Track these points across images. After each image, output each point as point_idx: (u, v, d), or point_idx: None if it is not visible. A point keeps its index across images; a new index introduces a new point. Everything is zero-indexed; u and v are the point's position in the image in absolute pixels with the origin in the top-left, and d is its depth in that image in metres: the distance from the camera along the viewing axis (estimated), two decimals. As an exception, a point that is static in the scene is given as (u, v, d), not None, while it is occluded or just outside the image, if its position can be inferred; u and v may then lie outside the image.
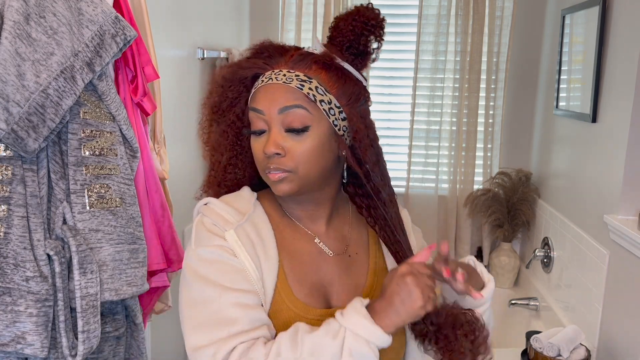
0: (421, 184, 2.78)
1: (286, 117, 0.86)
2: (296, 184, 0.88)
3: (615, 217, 1.67)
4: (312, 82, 0.86)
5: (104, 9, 1.20)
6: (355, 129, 0.88)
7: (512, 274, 2.67)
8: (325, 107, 0.86)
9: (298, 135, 0.86)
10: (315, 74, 0.87)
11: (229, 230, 0.89)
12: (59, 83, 1.12)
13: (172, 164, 1.77)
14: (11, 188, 1.12)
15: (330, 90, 0.87)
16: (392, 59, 2.79)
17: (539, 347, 1.69)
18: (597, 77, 1.85)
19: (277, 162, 0.86)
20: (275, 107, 0.86)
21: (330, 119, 0.87)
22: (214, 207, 0.92)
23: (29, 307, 1.13)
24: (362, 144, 0.89)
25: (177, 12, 1.93)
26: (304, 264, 0.94)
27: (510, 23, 2.57)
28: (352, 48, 0.90)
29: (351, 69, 0.90)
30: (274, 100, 0.86)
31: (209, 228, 0.90)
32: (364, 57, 0.92)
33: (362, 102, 0.91)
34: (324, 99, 0.86)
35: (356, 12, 0.89)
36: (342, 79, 0.89)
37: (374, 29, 0.89)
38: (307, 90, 0.85)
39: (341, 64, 0.89)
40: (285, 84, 0.86)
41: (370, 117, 0.94)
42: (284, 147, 0.86)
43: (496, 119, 2.66)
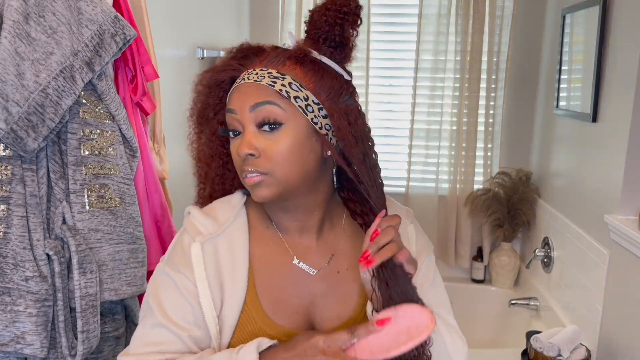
0: (421, 184, 2.77)
1: (258, 114, 0.82)
2: (275, 188, 0.83)
3: (615, 217, 1.67)
4: (285, 78, 0.82)
5: (103, 9, 1.20)
6: (337, 126, 0.83)
7: (512, 274, 2.66)
8: (302, 104, 0.82)
9: (271, 133, 0.81)
10: (290, 70, 0.83)
11: (196, 242, 0.86)
12: (59, 82, 1.12)
13: (172, 164, 1.77)
14: (10, 188, 1.12)
15: (306, 86, 0.83)
16: (392, 58, 2.79)
17: (539, 347, 1.68)
18: (597, 77, 1.85)
19: (252, 164, 0.82)
20: (246, 105, 0.82)
21: (309, 116, 0.82)
22: (192, 218, 0.90)
23: (28, 307, 1.13)
24: (346, 142, 0.83)
25: (177, 11, 1.93)
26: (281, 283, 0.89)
27: (511, 23, 2.57)
28: (328, 40, 0.85)
29: (329, 62, 0.85)
30: (245, 98, 0.82)
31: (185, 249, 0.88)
32: (343, 49, 0.86)
33: (344, 97, 0.86)
34: (299, 95, 0.82)
35: (330, 2, 0.84)
36: (319, 74, 0.84)
37: (348, 16, 0.84)
38: (279, 87, 0.81)
39: (317, 58, 0.85)
40: (256, 82, 0.82)
41: (359, 112, 0.88)
42: (257, 148, 0.81)
43: (496, 118, 2.66)
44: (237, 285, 0.87)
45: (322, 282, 0.91)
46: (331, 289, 0.91)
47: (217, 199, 0.94)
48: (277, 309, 0.88)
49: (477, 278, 2.78)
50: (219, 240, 0.88)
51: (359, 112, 0.88)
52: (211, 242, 0.87)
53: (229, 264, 0.87)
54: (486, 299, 2.71)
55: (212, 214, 0.90)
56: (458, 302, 2.71)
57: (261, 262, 0.90)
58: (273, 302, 0.88)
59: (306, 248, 0.92)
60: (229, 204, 0.91)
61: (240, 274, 0.87)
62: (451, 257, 2.78)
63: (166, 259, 0.90)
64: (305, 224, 0.91)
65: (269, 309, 0.88)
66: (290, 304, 0.89)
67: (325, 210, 0.92)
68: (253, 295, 0.88)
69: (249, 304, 0.87)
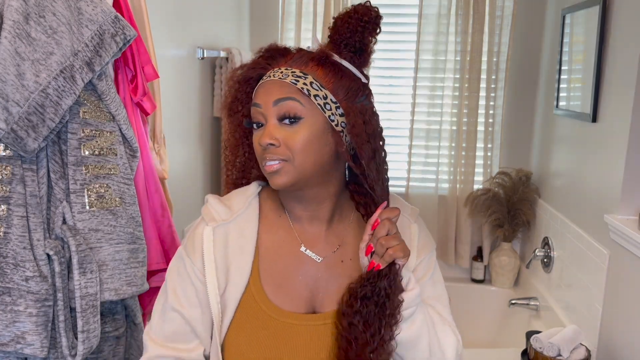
0: (421, 184, 2.78)
1: (280, 108, 0.89)
2: (292, 176, 0.90)
3: (615, 217, 1.67)
4: (307, 77, 0.90)
5: (103, 9, 1.20)
6: (352, 123, 0.90)
7: (512, 274, 2.67)
8: (320, 102, 0.89)
9: (291, 126, 0.89)
10: (312, 70, 0.91)
11: (209, 226, 0.95)
12: (59, 82, 1.12)
13: (172, 164, 1.77)
14: (11, 188, 1.12)
15: (326, 86, 0.90)
16: (392, 58, 2.79)
17: (539, 347, 1.69)
18: (597, 77, 1.85)
19: (273, 152, 0.89)
20: (270, 100, 0.90)
21: (326, 113, 0.90)
22: (209, 205, 0.98)
23: (28, 306, 1.13)
24: (359, 139, 0.90)
25: (177, 12, 1.93)
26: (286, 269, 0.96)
27: (511, 23, 2.57)
28: (349, 45, 0.93)
29: (349, 66, 0.93)
30: (270, 94, 0.90)
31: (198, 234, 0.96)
32: (362, 54, 0.94)
33: (361, 97, 0.93)
34: (319, 93, 0.89)
35: (353, 11, 0.93)
36: (338, 75, 0.91)
37: (368, 25, 0.93)
38: (301, 85, 0.89)
39: (338, 61, 0.92)
40: (281, 79, 0.90)
41: (373, 112, 0.95)
42: (278, 138, 0.89)
43: (496, 118, 2.66)
44: (241, 269, 0.94)
45: (326, 269, 0.97)
46: (334, 276, 0.97)
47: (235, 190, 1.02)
48: (280, 293, 0.95)
49: (477, 278, 2.78)
50: (230, 227, 0.96)
51: (373, 113, 0.96)
52: (223, 227, 0.96)
53: (237, 249, 0.95)
54: (486, 299, 2.71)
55: (227, 202, 0.98)
56: (458, 302, 2.72)
57: (269, 249, 0.97)
58: (276, 286, 0.95)
59: (315, 237, 0.98)
60: (244, 194, 1.00)
61: (245, 260, 0.95)
62: (451, 257, 2.78)
63: (184, 243, 0.99)
64: (316, 214, 0.98)
65: (271, 292, 0.95)
66: (294, 288, 0.96)
67: (335, 202, 0.98)
68: (256, 279, 0.95)
69: (251, 286, 0.94)
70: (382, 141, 0.95)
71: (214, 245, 0.94)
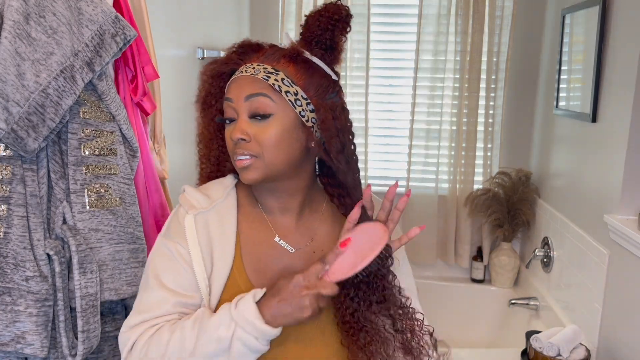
0: (421, 184, 2.77)
1: (251, 104, 0.91)
2: (262, 172, 0.92)
3: (615, 217, 1.67)
4: (278, 74, 0.91)
5: (103, 9, 1.21)
6: (322, 119, 0.93)
7: (512, 274, 2.67)
8: (291, 98, 0.91)
9: (262, 121, 0.91)
10: (283, 67, 0.93)
11: (190, 214, 0.97)
12: (59, 83, 1.12)
13: (172, 164, 1.77)
14: (11, 188, 1.12)
15: (297, 82, 0.92)
16: (392, 58, 2.79)
17: (538, 346, 1.69)
18: (597, 77, 1.85)
19: (244, 147, 0.92)
20: (242, 95, 0.92)
21: (297, 109, 0.92)
22: (187, 194, 1.00)
23: (28, 306, 1.13)
24: (328, 133, 0.93)
25: (177, 12, 1.93)
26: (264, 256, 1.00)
27: (510, 23, 2.57)
28: (320, 43, 0.95)
29: (319, 63, 0.95)
30: (242, 89, 0.92)
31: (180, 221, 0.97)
32: (333, 52, 0.96)
33: (331, 94, 0.95)
34: (290, 90, 0.91)
35: (324, 9, 0.94)
36: (309, 72, 0.93)
37: (339, 23, 0.94)
38: (272, 81, 0.90)
39: (309, 58, 0.94)
40: (252, 75, 0.92)
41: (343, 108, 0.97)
42: (249, 133, 0.91)
43: (496, 118, 2.66)
44: (225, 254, 0.97)
45: (299, 259, 1.00)
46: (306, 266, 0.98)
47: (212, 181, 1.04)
48: (259, 278, 0.98)
49: (476, 278, 2.78)
50: (209, 214, 0.98)
51: (343, 109, 0.97)
52: (203, 215, 0.97)
53: (219, 235, 0.97)
54: (486, 298, 2.71)
55: (205, 191, 1.01)
56: (458, 302, 2.73)
57: (248, 236, 1.00)
58: (256, 272, 0.98)
59: (287, 227, 1.02)
60: (221, 185, 1.02)
61: (228, 244, 0.97)
62: (451, 257, 2.78)
63: (163, 233, 1.00)
64: (287, 206, 1.01)
65: (253, 277, 0.98)
66: (271, 275, 0.98)
67: (306, 195, 1.02)
68: (239, 264, 0.98)
69: (234, 271, 0.97)
70: (352, 135, 0.97)
71: (196, 231, 0.96)
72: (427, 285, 2.78)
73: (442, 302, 2.73)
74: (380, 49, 2.75)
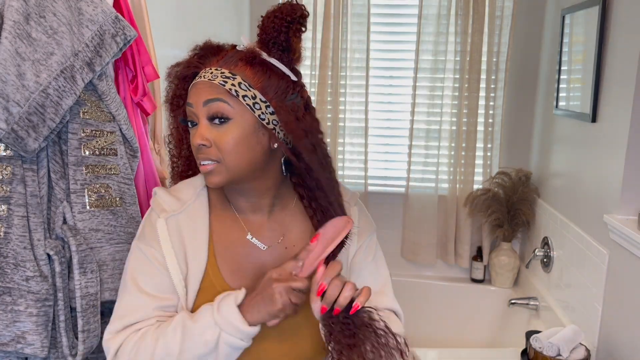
0: (421, 184, 2.78)
1: (209, 109, 0.92)
2: (225, 176, 0.94)
3: (615, 217, 1.67)
4: (235, 78, 0.92)
5: (104, 9, 1.21)
6: (284, 121, 0.93)
7: (511, 274, 2.67)
8: (249, 102, 0.92)
9: (221, 126, 0.92)
10: (241, 70, 0.93)
11: (161, 218, 0.98)
12: (59, 83, 1.12)
13: (172, 164, 1.76)
14: (11, 188, 1.13)
15: (254, 86, 0.92)
16: (392, 58, 2.79)
17: (538, 346, 1.69)
18: (597, 77, 1.85)
19: (205, 153, 0.93)
20: (200, 101, 0.92)
21: (256, 113, 0.92)
22: (157, 197, 1.02)
23: (29, 306, 1.13)
24: (295, 135, 0.93)
25: (177, 12, 1.93)
26: (237, 255, 1.01)
27: (510, 23, 2.57)
28: (277, 44, 0.94)
29: (277, 64, 0.95)
30: (200, 94, 0.93)
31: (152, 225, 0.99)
32: (289, 52, 0.95)
33: (291, 96, 0.95)
34: (247, 94, 0.92)
35: (278, 10, 0.94)
36: (267, 74, 0.93)
37: (292, 25, 0.93)
38: (229, 86, 0.91)
39: (266, 59, 0.94)
40: (210, 80, 0.92)
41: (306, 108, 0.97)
42: (208, 139, 0.92)
43: (496, 118, 2.66)
44: (198, 255, 0.98)
45: (272, 255, 1.02)
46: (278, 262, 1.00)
47: (183, 181, 1.06)
48: (235, 277, 1.00)
49: (476, 278, 2.79)
50: (181, 217, 0.99)
51: (307, 108, 0.98)
52: (174, 218, 0.99)
53: (191, 237, 0.99)
54: (486, 298, 2.71)
55: (175, 194, 1.02)
56: (458, 302, 2.73)
57: (220, 236, 1.01)
58: (231, 271, 1.00)
59: (259, 225, 1.03)
60: (192, 186, 1.04)
61: (201, 245, 0.99)
62: (451, 257, 2.78)
63: (138, 237, 1.02)
64: (257, 205, 1.03)
65: (228, 276, 0.99)
66: (246, 273, 1.00)
67: (275, 193, 1.03)
68: (213, 264, 0.99)
69: (209, 271, 0.99)
70: (321, 134, 0.97)
71: (169, 234, 0.97)
72: (427, 285, 2.78)
73: (442, 302, 2.73)
74: (380, 49, 2.75)
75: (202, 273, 0.98)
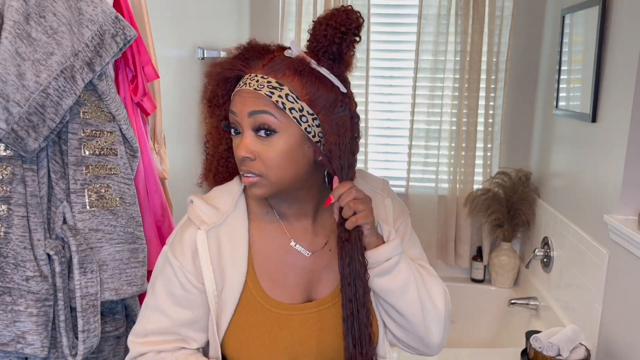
0: (421, 184, 2.78)
1: (255, 121, 0.88)
2: (268, 189, 0.91)
3: (615, 217, 1.67)
4: (282, 89, 0.87)
5: (104, 9, 1.21)
6: (326, 137, 0.89)
7: (511, 274, 2.67)
8: (296, 115, 0.87)
9: (267, 139, 0.88)
10: (289, 80, 0.88)
11: (202, 230, 0.95)
12: (59, 83, 1.12)
13: (172, 164, 1.77)
14: (11, 188, 1.13)
15: (302, 97, 0.88)
16: (392, 58, 2.79)
17: (538, 346, 1.69)
18: (597, 77, 1.85)
19: (249, 166, 0.90)
20: (245, 111, 0.88)
21: (302, 125, 0.88)
22: (196, 208, 0.98)
23: (29, 306, 1.13)
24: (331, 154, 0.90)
25: (177, 12, 1.93)
26: (278, 264, 0.98)
27: (510, 23, 2.57)
28: (327, 53, 0.89)
29: (327, 74, 0.90)
30: (245, 104, 0.88)
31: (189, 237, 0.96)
32: (341, 62, 0.91)
33: (339, 109, 0.90)
34: (295, 106, 0.87)
35: (330, 16, 0.88)
36: (316, 86, 0.88)
37: (346, 35, 0.87)
38: (276, 98, 0.86)
39: (316, 68, 0.89)
40: (256, 90, 0.87)
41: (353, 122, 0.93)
42: (253, 151, 0.89)
43: (496, 118, 2.66)
44: (237, 269, 0.95)
45: (316, 260, 1.00)
46: (325, 265, 1.01)
47: (217, 187, 1.02)
48: (276, 287, 0.97)
49: (476, 278, 2.79)
50: (221, 229, 0.96)
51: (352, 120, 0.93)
52: (214, 230, 0.96)
53: (230, 250, 0.96)
54: (486, 298, 2.71)
55: (213, 202, 0.98)
56: (458, 302, 2.72)
57: (261, 245, 0.98)
58: (272, 281, 0.97)
59: (302, 231, 1.00)
60: (229, 193, 0.99)
61: (240, 259, 0.96)
62: (451, 257, 2.78)
63: (170, 243, 0.99)
64: (301, 211, 0.99)
65: (268, 287, 0.97)
66: (289, 281, 0.98)
67: (319, 199, 1.00)
68: (252, 277, 0.97)
69: (249, 283, 0.96)
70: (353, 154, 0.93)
71: (208, 247, 0.94)
72: (427, 285, 2.78)
73: (442, 302, 2.73)
74: (380, 49, 2.75)
75: (241, 286, 0.95)
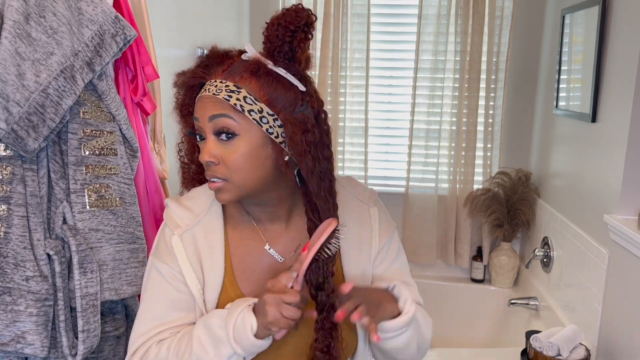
0: (421, 184, 2.78)
1: (215, 125, 0.89)
2: (233, 193, 0.91)
3: (615, 217, 1.67)
4: (240, 92, 0.87)
5: (104, 9, 1.21)
6: (289, 135, 0.88)
7: (511, 274, 2.67)
8: (256, 116, 0.87)
9: (228, 142, 0.88)
10: (246, 82, 0.88)
11: (175, 235, 0.96)
12: (59, 83, 1.12)
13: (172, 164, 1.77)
14: (11, 187, 1.13)
15: (260, 99, 0.88)
16: (392, 58, 2.79)
17: (538, 346, 1.69)
18: (597, 77, 1.85)
19: (213, 170, 0.90)
20: (206, 116, 0.89)
21: (263, 127, 0.88)
22: (170, 211, 0.99)
23: (29, 306, 1.13)
24: (296, 151, 0.89)
25: (177, 12, 1.93)
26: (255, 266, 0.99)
27: (510, 23, 2.57)
28: (282, 53, 0.89)
29: (284, 74, 0.89)
30: (205, 109, 0.89)
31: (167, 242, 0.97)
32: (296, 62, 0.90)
33: (300, 107, 0.90)
34: (254, 108, 0.87)
35: (281, 16, 0.88)
36: (273, 86, 0.88)
37: (296, 33, 0.87)
38: (234, 101, 0.87)
39: (272, 69, 0.89)
40: (214, 95, 0.88)
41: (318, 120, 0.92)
42: (216, 156, 0.89)
43: (496, 118, 2.66)
44: (215, 267, 0.96)
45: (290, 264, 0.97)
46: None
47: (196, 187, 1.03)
48: (253, 289, 0.97)
49: (476, 278, 2.79)
50: (195, 230, 0.97)
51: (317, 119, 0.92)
52: (189, 232, 0.97)
53: (207, 249, 0.96)
54: (486, 298, 2.71)
55: (189, 204, 1.00)
56: (458, 302, 2.73)
57: (237, 247, 0.99)
58: (249, 283, 0.98)
59: (277, 234, 1.01)
60: (205, 195, 1.00)
61: (217, 258, 0.97)
62: (451, 257, 2.78)
63: (153, 251, 1.00)
64: (274, 214, 1.00)
65: (245, 289, 0.97)
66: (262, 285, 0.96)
67: (291, 202, 1.00)
68: (230, 277, 0.97)
69: (227, 285, 0.97)
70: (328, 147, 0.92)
71: (185, 249, 0.95)
72: (427, 285, 2.78)
73: (442, 302, 2.73)
74: (380, 49, 2.75)
75: (219, 287, 0.96)
